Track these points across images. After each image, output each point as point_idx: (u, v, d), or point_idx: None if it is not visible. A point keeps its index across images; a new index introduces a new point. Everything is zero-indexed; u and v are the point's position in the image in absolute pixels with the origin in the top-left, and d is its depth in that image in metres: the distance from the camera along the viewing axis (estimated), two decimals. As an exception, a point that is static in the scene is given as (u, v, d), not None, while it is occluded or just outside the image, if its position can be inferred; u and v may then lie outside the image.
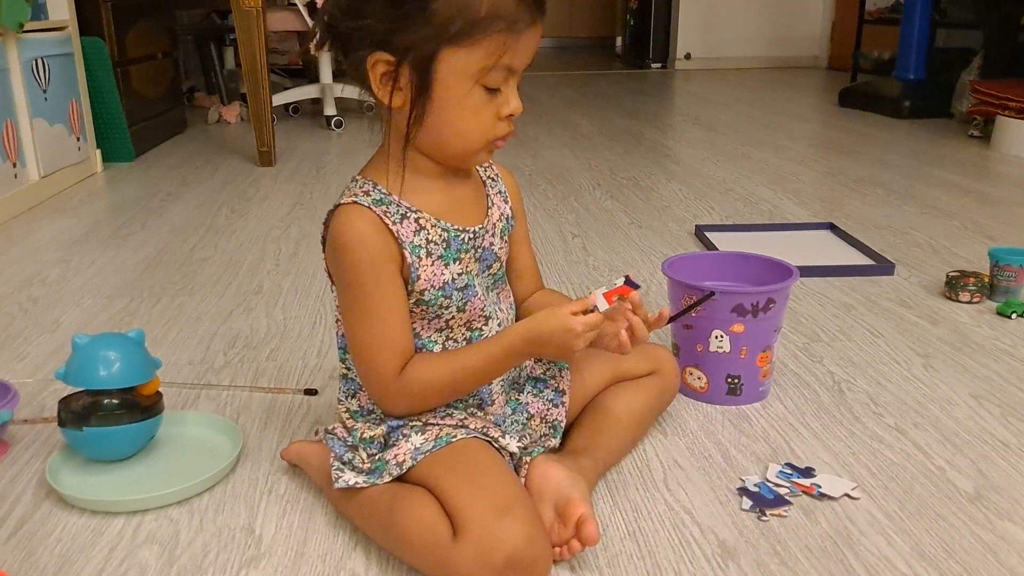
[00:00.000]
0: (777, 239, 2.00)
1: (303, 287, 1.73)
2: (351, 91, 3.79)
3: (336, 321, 0.98)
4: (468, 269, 0.94)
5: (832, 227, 2.05)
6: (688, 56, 6.06)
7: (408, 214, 0.90)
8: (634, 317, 0.92)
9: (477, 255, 0.95)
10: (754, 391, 1.22)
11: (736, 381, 1.20)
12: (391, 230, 0.88)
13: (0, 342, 1.47)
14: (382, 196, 0.90)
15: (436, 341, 0.94)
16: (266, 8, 2.82)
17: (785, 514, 0.96)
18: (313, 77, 3.95)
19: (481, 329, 0.96)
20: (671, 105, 4.42)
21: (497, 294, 1.00)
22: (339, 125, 3.64)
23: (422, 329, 0.94)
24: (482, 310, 0.95)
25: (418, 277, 0.90)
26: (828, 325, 1.51)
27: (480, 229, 0.95)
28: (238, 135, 3.53)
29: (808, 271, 1.69)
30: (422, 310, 0.92)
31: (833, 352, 1.40)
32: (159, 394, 1.08)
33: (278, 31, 3.87)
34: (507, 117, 0.88)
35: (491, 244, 0.97)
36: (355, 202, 0.89)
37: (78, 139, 2.68)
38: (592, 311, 0.89)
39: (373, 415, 0.97)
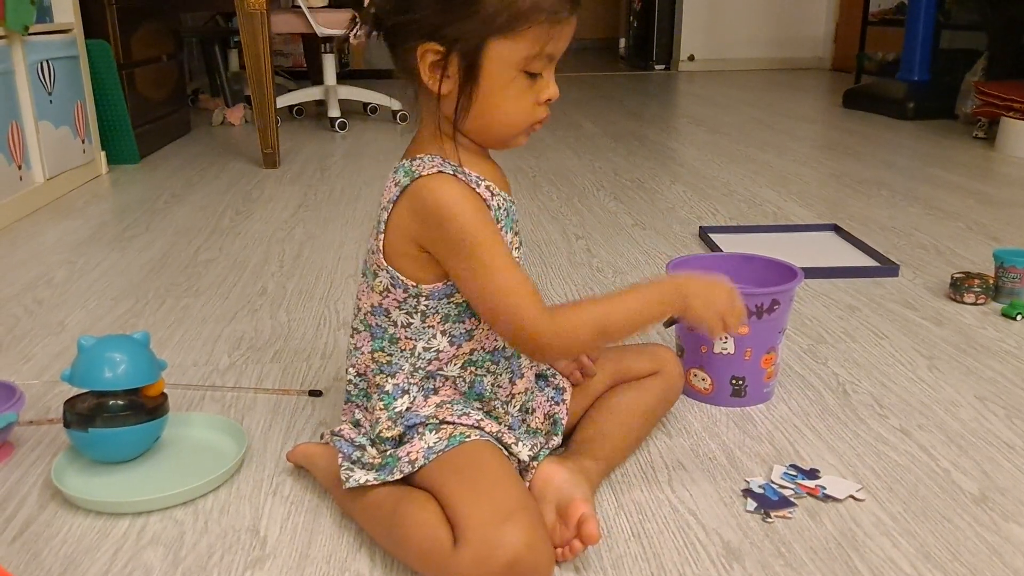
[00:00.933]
0: (781, 240, 2.00)
1: (307, 289, 1.73)
2: (355, 93, 3.82)
3: (367, 313, 0.96)
4: (514, 240, 0.97)
5: (836, 228, 2.05)
6: (692, 58, 6.05)
7: (480, 181, 0.93)
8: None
9: (516, 228, 0.99)
10: (758, 393, 1.22)
11: (740, 383, 1.20)
12: (478, 194, 0.91)
13: (6, 344, 1.47)
14: (454, 167, 0.91)
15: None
16: (270, 10, 2.83)
17: (790, 516, 0.96)
18: (317, 79, 3.95)
19: None
20: (675, 107, 4.41)
21: None
22: (343, 127, 3.65)
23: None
24: None
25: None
26: (832, 327, 1.50)
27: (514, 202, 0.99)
28: (242, 137, 3.54)
29: (812, 273, 1.69)
30: None
31: (837, 354, 1.40)
32: (164, 395, 1.08)
33: (282, 33, 3.88)
34: (545, 102, 0.92)
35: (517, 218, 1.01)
36: (440, 171, 0.90)
37: (83, 141, 2.69)
38: None
39: (405, 398, 0.95)
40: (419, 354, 0.95)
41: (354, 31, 0.92)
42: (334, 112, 3.72)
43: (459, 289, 0.92)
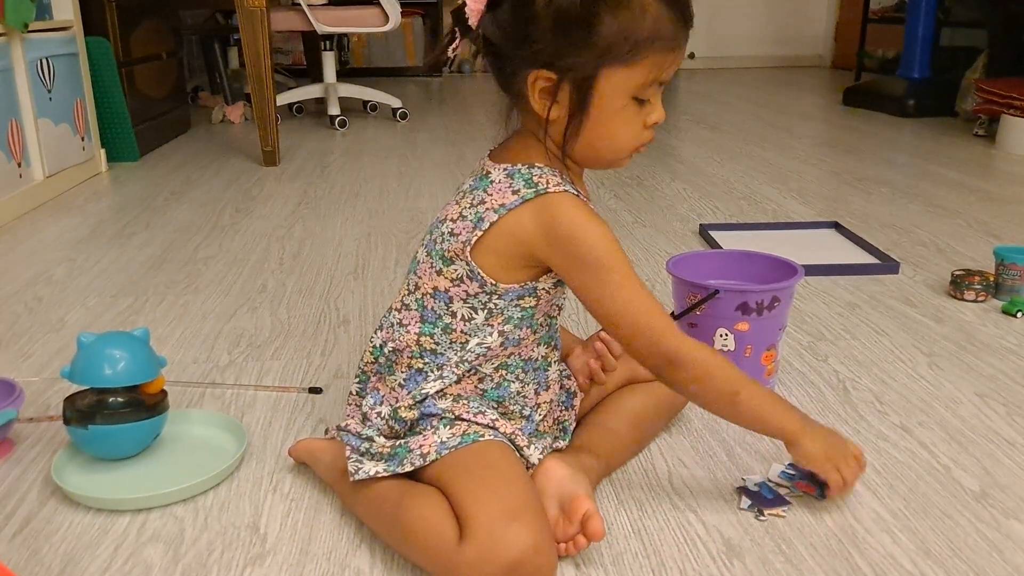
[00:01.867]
0: (781, 238, 2.00)
1: (307, 286, 1.73)
2: (355, 91, 3.82)
3: (424, 295, 0.95)
4: None
5: (837, 226, 2.05)
6: (692, 55, 6.05)
7: (586, 201, 0.93)
8: (600, 346, 1.03)
9: None
10: (759, 389, 1.22)
11: (741, 379, 1.20)
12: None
13: (6, 341, 1.47)
14: (572, 186, 0.92)
15: (536, 323, 0.97)
16: (270, 8, 2.82)
17: (783, 514, 0.96)
18: (317, 77, 3.95)
19: (555, 318, 1.01)
20: (675, 104, 4.41)
21: None
22: (343, 125, 3.65)
23: (539, 310, 0.95)
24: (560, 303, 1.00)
25: None
26: (833, 324, 1.50)
27: None
28: (242, 135, 3.54)
29: (813, 270, 1.69)
30: (557, 290, 0.95)
31: (838, 351, 1.39)
32: (164, 392, 1.08)
33: (282, 31, 3.88)
34: (652, 125, 0.92)
35: None
36: (566, 191, 0.90)
37: (83, 139, 2.69)
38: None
39: (441, 381, 0.95)
40: (471, 348, 0.94)
41: (453, 47, 0.88)
42: (334, 110, 3.72)
43: (586, 305, 0.92)
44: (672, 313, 1.23)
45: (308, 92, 3.86)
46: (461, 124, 3.77)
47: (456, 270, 0.93)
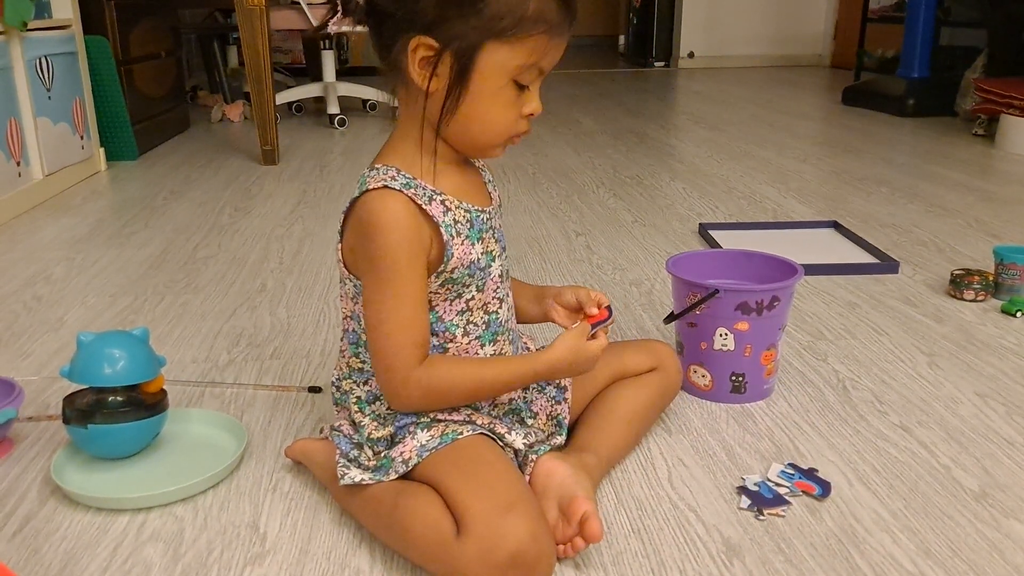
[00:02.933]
0: (781, 237, 2.00)
1: (307, 285, 1.73)
2: (354, 90, 3.82)
3: (344, 318, 0.98)
4: (490, 249, 0.96)
5: (836, 225, 2.05)
6: (691, 55, 6.05)
7: (434, 196, 0.91)
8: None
9: (495, 236, 0.97)
10: (758, 389, 1.22)
11: (740, 379, 1.20)
12: (425, 211, 0.89)
13: (5, 340, 1.47)
14: (408, 180, 0.90)
15: (458, 324, 0.94)
16: (269, 7, 2.82)
17: (783, 514, 0.96)
18: (316, 75, 3.95)
19: (497, 312, 0.97)
20: (674, 103, 4.41)
21: (507, 278, 1.01)
22: (342, 123, 3.65)
23: (444, 312, 0.94)
24: (495, 291, 0.97)
25: (452, 255, 0.91)
26: (832, 323, 1.50)
27: (492, 210, 0.97)
28: (241, 134, 3.54)
29: (812, 269, 1.69)
30: (447, 290, 0.93)
31: (838, 350, 1.39)
32: (163, 392, 1.08)
33: (281, 30, 3.87)
34: (528, 116, 0.91)
35: (499, 226, 0.99)
36: (386, 186, 0.89)
37: (82, 137, 2.68)
38: (593, 336, 0.98)
39: (379, 403, 0.96)
40: None
41: (333, 18, 0.90)
42: (333, 109, 3.72)
43: (363, 307, 0.92)
44: (672, 313, 1.23)
45: (307, 91, 3.85)
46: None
47: (349, 289, 0.95)
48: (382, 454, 0.93)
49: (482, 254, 0.94)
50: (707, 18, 5.98)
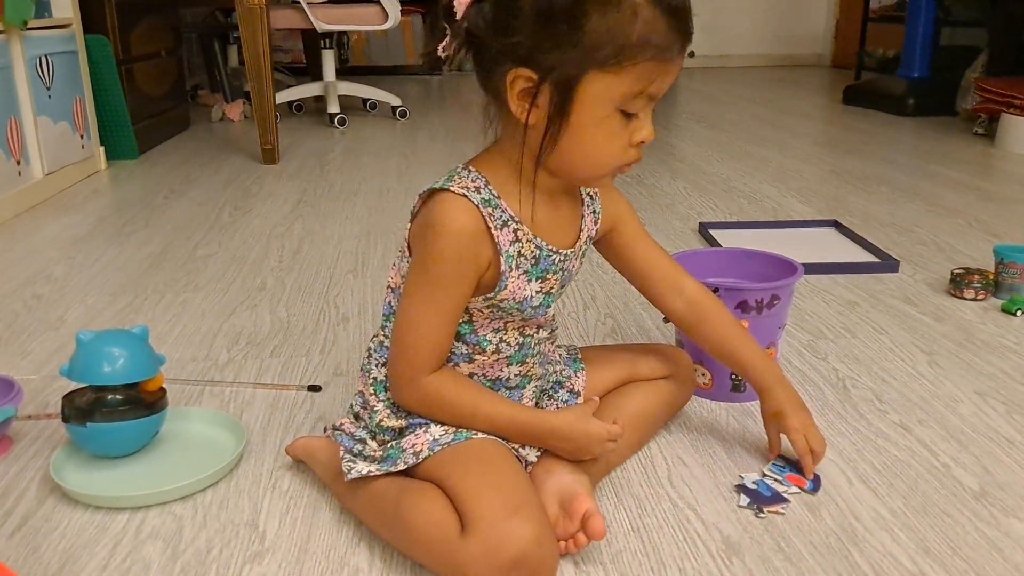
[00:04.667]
0: (781, 236, 2.00)
1: (307, 284, 1.73)
2: (354, 89, 3.82)
3: (388, 288, 0.97)
4: (548, 288, 0.94)
5: (837, 224, 2.05)
6: (692, 54, 6.05)
7: (509, 223, 0.89)
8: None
9: (561, 277, 0.95)
10: (758, 388, 1.22)
11: (740, 378, 1.20)
12: (492, 234, 0.87)
13: (4, 339, 1.47)
14: (491, 197, 0.88)
15: (491, 341, 0.94)
16: (270, 6, 2.82)
17: (782, 512, 0.96)
18: (316, 75, 3.95)
19: (532, 335, 0.97)
20: (675, 103, 4.41)
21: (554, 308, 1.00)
22: (343, 123, 3.64)
23: (480, 327, 0.93)
24: (540, 323, 0.96)
25: (505, 286, 0.89)
26: (832, 322, 1.50)
27: (571, 252, 0.95)
28: (242, 133, 3.53)
29: (812, 268, 1.69)
30: (491, 312, 0.92)
31: (837, 349, 1.39)
32: (163, 390, 1.08)
33: (281, 29, 3.87)
34: (639, 144, 0.87)
35: (573, 266, 0.98)
36: (465, 195, 0.87)
37: (82, 136, 2.68)
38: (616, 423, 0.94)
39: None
40: None
41: (444, 44, 0.85)
42: (333, 108, 3.72)
43: (400, 295, 0.92)
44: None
45: (307, 90, 3.85)
46: (461, 122, 3.77)
47: (402, 265, 0.94)
48: (389, 444, 0.93)
49: (538, 292, 0.92)
50: (708, 18, 5.97)
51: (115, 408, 1.03)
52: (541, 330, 0.98)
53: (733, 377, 1.20)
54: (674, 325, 1.26)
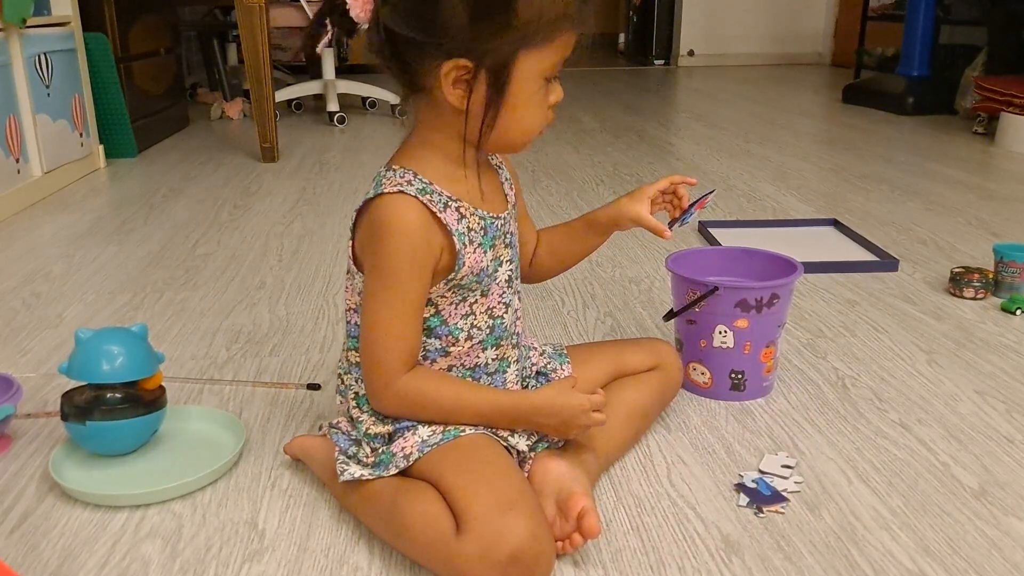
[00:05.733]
0: (781, 235, 2.00)
1: (306, 283, 1.73)
2: (353, 87, 3.81)
3: (347, 310, 0.98)
4: (499, 255, 0.95)
5: (836, 223, 2.05)
6: (691, 53, 6.05)
7: (449, 203, 0.90)
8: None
9: (507, 241, 0.96)
10: (758, 387, 1.22)
11: (740, 377, 1.20)
12: (439, 218, 0.88)
13: (3, 337, 1.47)
14: (424, 185, 0.89)
15: (462, 328, 0.94)
16: (269, 4, 2.82)
17: (782, 511, 0.96)
18: (316, 73, 3.94)
19: (502, 317, 0.97)
20: (674, 101, 4.41)
21: (516, 283, 1.01)
22: (342, 121, 3.64)
23: (449, 316, 0.94)
24: (500, 296, 0.96)
25: (464, 263, 0.90)
26: (832, 321, 1.50)
27: (507, 215, 0.97)
28: (241, 131, 3.53)
29: (812, 267, 1.69)
30: (453, 293, 0.93)
31: (837, 348, 1.39)
32: (162, 388, 1.08)
33: (281, 27, 3.87)
34: (553, 104, 0.91)
35: (513, 230, 0.99)
36: (402, 191, 0.88)
37: (81, 135, 2.68)
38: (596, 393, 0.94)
39: None
40: None
41: (325, 42, 0.87)
42: (333, 106, 3.71)
43: (361, 305, 0.92)
44: (671, 310, 1.23)
45: (307, 88, 3.85)
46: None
47: (355, 282, 0.95)
48: (380, 450, 0.93)
49: (491, 260, 0.94)
50: (707, 16, 5.97)
51: (114, 406, 1.02)
52: (509, 309, 0.98)
53: (732, 376, 1.20)
54: (675, 323, 1.26)
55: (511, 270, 0.98)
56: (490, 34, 0.83)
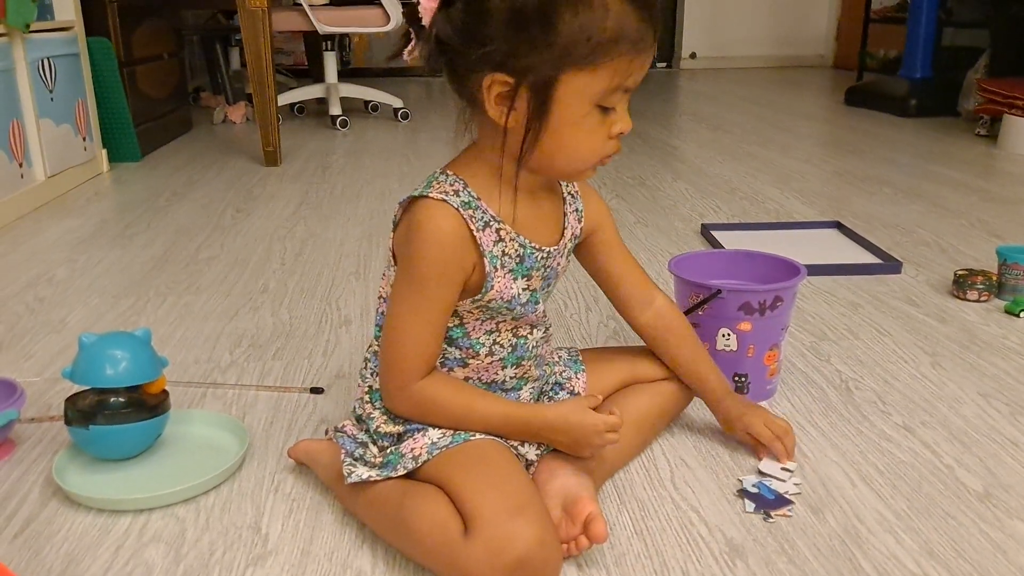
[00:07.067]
0: (784, 238, 2.00)
1: (309, 286, 1.73)
2: (356, 91, 3.82)
3: (379, 297, 0.97)
4: (533, 286, 0.94)
5: (839, 226, 2.05)
6: (693, 55, 6.05)
7: (491, 223, 0.89)
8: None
9: (544, 274, 0.95)
10: (761, 390, 1.22)
11: (743, 380, 1.20)
12: (474, 236, 0.88)
13: (7, 341, 1.47)
14: (470, 199, 0.88)
15: (484, 344, 0.94)
16: (272, 8, 2.82)
17: (789, 514, 0.96)
18: (318, 77, 3.95)
19: (526, 336, 0.97)
20: (676, 104, 4.41)
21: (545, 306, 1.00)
22: (344, 125, 3.65)
23: (473, 330, 0.93)
24: (532, 322, 0.96)
25: (491, 287, 0.89)
26: (835, 324, 1.50)
27: (554, 250, 0.95)
28: (244, 135, 3.54)
29: (815, 270, 1.68)
30: (480, 312, 0.92)
31: (840, 351, 1.39)
32: (165, 393, 1.08)
33: (283, 31, 3.88)
34: (617, 135, 0.88)
35: (558, 264, 0.98)
36: (444, 199, 0.87)
37: (84, 139, 2.69)
38: (613, 413, 0.92)
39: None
40: None
41: (408, 49, 0.86)
42: (335, 110, 3.72)
43: (388, 301, 0.92)
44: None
45: (309, 92, 3.85)
46: (463, 124, 3.76)
47: (390, 274, 0.94)
48: (388, 450, 0.93)
49: (524, 290, 0.93)
50: (709, 19, 5.97)
51: (118, 411, 1.03)
52: (535, 330, 0.98)
53: (736, 379, 1.20)
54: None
55: (546, 298, 0.98)
56: (529, 50, 0.80)
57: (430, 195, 0.88)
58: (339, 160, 3.03)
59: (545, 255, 0.94)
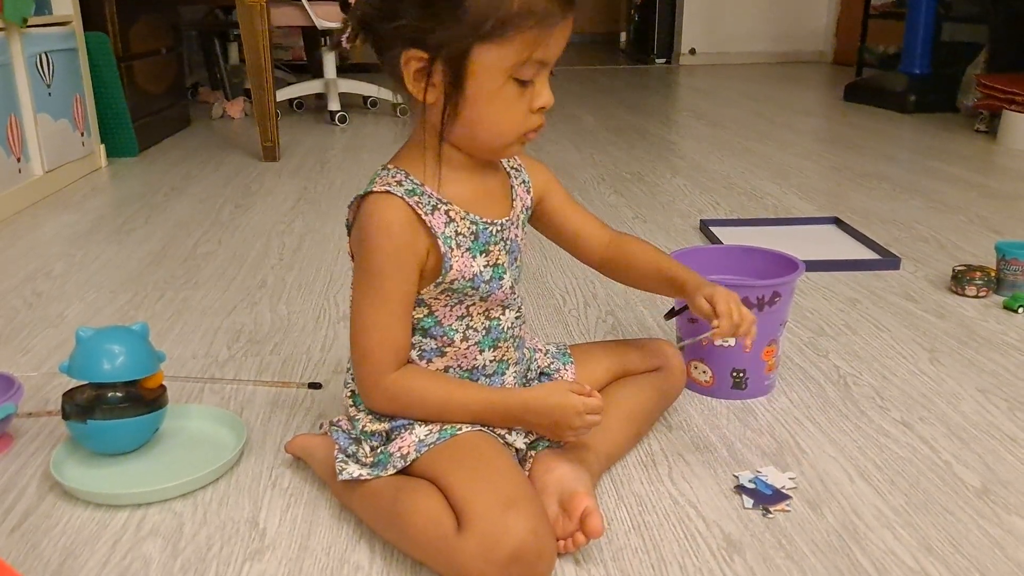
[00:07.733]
0: (782, 233, 1.99)
1: (307, 281, 1.73)
2: (355, 86, 3.81)
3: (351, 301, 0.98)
4: (498, 260, 0.94)
5: (837, 221, 2.05)
6: (692, 51, 6.04)
7: (439, 205, 0.90)
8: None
9: (507, 247, 0.96)
10: (759, 385, 1.22)
11: (741, 375, 1.20)
12: (424, 220, 0.89)
13: (5, 336, 1.47)
14: (414, 186, 0.90)
15: (457, 329, 0.94)
16: (270, 3, 2.82)
17: (788, 509, 0.96)
18: (317, 72, 3.94)
19: (499, 318, 0.97)
20: (675, 100, 4.41)
21: (517, 286, 1.00)
22: (343, 120, 3.64)
23: (444, 317, 0.94)
24: (502, 300, 0.96)
25: (450, 267, 0.90)
26: (834, 319, 1.50)
27: (507, 221, 0.96)
28: (242, 130, 3.53)
29: (813, 265, 1.68)
30: (447, 296, 0.93)
31: (839, 346, 1.39)
32: (163, 387, 1.08)
33: (282, 26, 3.87)
34: (539, 110, 0.89)
35: (516, 236, 0.98)
36: (388, 191, 0.89)
37: (82, 134, 2.68)
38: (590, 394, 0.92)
39: None
40: None
41: (346, 35, 0.89)
42: (334, 105, 3.71)
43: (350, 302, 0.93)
44: (672, 309, 1.23)
45: (308, 88, 3.85)
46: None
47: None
48: (379, 449, 0.93)
49: (485, 266, 0.93)
50: (708, 14, 5.97)
51: (115, 405, 1.02)
52: (507, 311, 0.98)
53: (734, 374, 1.20)
54: (675, 321, 1.26)
55: (513, 275, 0.98)
56: (440, 24, 0.83)
57: (374, 190, 0.89)
58: (337, 155, 3.02)
59: (499, 228, 0.95)
